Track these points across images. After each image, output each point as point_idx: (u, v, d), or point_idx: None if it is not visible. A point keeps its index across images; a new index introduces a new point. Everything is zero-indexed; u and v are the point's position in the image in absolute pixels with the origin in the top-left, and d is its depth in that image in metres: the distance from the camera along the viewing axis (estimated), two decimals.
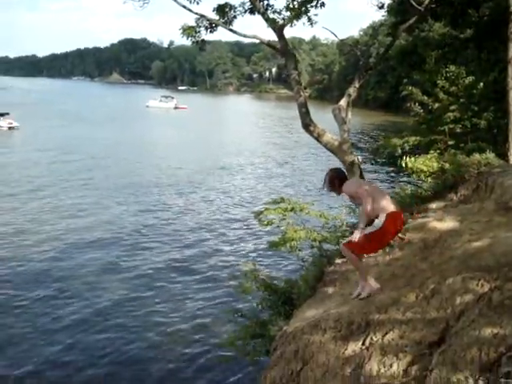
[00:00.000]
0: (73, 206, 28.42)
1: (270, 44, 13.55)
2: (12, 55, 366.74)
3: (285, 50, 12.48)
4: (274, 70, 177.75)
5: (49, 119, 71.69)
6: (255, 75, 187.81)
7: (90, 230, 24.26)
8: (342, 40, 32.35)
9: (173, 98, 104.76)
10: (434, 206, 8.57)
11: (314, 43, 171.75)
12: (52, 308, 16.71)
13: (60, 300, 17.28)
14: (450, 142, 17.52)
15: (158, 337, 15.18)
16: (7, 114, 62.13)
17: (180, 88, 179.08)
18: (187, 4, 13.07)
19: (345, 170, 6.38)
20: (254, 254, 21.23)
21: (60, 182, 34.15)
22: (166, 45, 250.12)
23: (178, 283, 18.97)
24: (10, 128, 60.27)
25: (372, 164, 38.34)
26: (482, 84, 17.90)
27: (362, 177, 10.93)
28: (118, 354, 14.12)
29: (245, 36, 13.87)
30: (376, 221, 5.27)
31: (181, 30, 13.39)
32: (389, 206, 5.40)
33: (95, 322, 15.82)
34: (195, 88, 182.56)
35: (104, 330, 15.42)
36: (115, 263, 20.52)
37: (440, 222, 7.35)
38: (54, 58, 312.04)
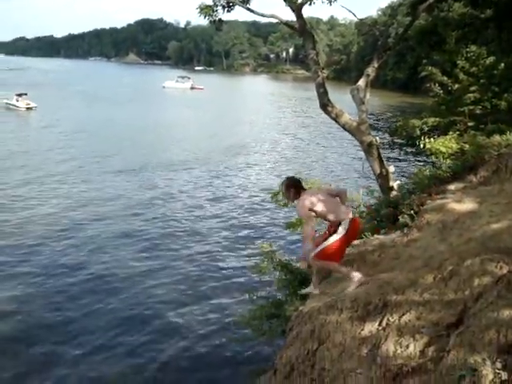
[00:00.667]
0: (90, 187, 28.66)
1: (288, 23, 13.42)
2: (29, 36, 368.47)
3: (303, 29, 12.33)
4: (291, 50, 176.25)
5: (66, 100, 72.00)
6: (272, 55, 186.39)
7: (108, 209, 24.50)
8: (360, 20, 31.91)
9: (189, 78, 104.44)
10: (452, 187, 8.47)
11: (332, 23, 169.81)
12: (71, 280, 17.06)
13: (75, 276, 17.51)
14: (470, 124, 17.31)
15: (173, 314, 15.33)
16: (25, 94, 62.38)
17: (196, 68, 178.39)
18: None
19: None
20: (270, 235, 21.27)
21: (78, 163, 34.39)
22: (182, 25, 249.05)
23: (195, 262, 19.10)
24: (27, 108, 60.57)
25: (390, 145, 38.06)
26: (502, 65, 17.61)
27: (380, 158, 10.85)
28: (132, 331, 14.30)
29: (262, 15, 13.73)
30: (340, 228, 5.61)
31: (198, 9, 13.29)
32: (348, 213, 5.79)
33: (111, 299, 16.00)
34: (212, 68, 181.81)
35: (118, 307, 15.61)
36: (133, 242, 20.70)
37: (459, 203, 7.27)
38: (70, 38, 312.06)
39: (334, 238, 5.62)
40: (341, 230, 5.58)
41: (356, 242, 7.55)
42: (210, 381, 12.22)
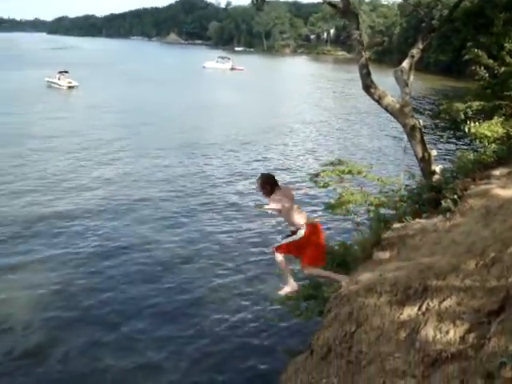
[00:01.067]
0: (134, 167, 29.13)
1: (331, 3, 13.20)
2: (71, 15, 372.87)
3: (347, 9, 12.11)
4: (332, 31, 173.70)
5: (108, 79, 72.85)
6: (313, 36, 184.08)
7: (149, 188, 24.85)
8: (404, 0, 31.19)
9: (229, 58, 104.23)
10: (497, 172, 8.28)
11: (375, 4, 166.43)
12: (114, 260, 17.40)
13: (118, 254, 17.86)
14: None
15: (209, 291, 15.53)
16: (66, 72, 63.27)
17: (237, 49, 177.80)
18: None
19: None
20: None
21: (119, 141, 34.89)
22: (223, 5, 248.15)
23: (233, 240, 19.25)
24: (69, 87, 61.51)
25: (432, 129, 37.37)
26: None
27: (422, 141, 10.67)
28: (169, 307, 14.54)
29: None
30: (298, 232, 6.32)
31: None
32: (304, 219, 6.50)
33: (150, 274, 16.28)
34: (252, 49, 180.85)
35: (156, 281, 15.89)
36: (174, 219, 20.98)
37: (503, 189, 7.11)
38: (112, 18, 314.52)
39: (293, 239, 6.33)
40: (299, 233, 6.27)
41: (397, 225, 7.48)
42: (245, 358, 12.35)
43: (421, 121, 10.85)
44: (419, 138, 10.73)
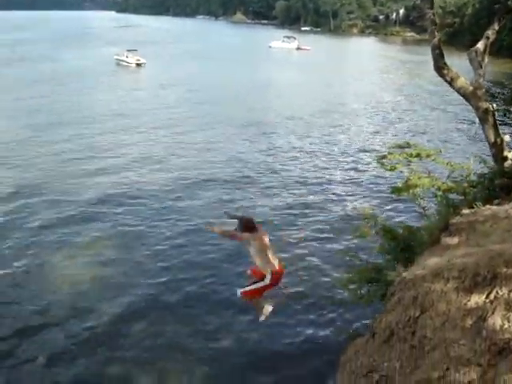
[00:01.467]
0: (198, 141, 29.69)
1: None
2: None
3: None
4: (401, 11, 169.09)
5: (175, 57, 73.83)
6: (381, 17, 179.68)
7: (210, 165, 25.19)
8: None
9: (295, 38, 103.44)
10: None
11: None
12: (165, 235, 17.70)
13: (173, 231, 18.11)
14: None
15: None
16: (135, 50, 64.46)
17: (303, 29, 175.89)
18: None
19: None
20: (373, 199, 20.97)
21: (185, 118, 35.44)
22: None
23: (295, 219, 19.26)
24: (137, 65, 62.66)
25: (505, 114, 35.97)
26: None
27: (495, 126, 10.28)
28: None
29: None
30: (267, 277, 6.67)
31: None
32: (275, 263, 6.76)
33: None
34: (318, 29, 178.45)
35: (222, 260, 16.03)
36: (232, 200, 21.13)
37: None
38: None
39: (261, 285, 6.74)
40: (267, 279, 6.66)
41: (466, 210, 7.30)
42: (305, 340, 12.38)
43: (494, 105, 10.44)
44: (492, 122, 10.35)
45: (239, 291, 6.99)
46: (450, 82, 10.77)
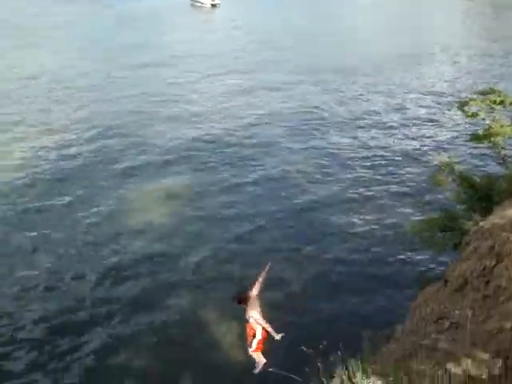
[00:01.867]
0: (269, 85, 29.54)
1: None
2: None
3: None
4: None
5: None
6: None
7: (280, 112, 25.23)
8: None
9: None
10: None
11: None
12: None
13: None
14: None
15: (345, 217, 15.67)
16: None
17: None
18: None
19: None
20: (450, 146, 20.30)
21: (256, 61, 34.99)
22: None
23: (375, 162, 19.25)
24: (212, 5, 61.90)
25: None
26: None
27: None
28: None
29: None
30: (257, 335, 7.20)
31: None
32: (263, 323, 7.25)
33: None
34: None
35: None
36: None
37: None
38: None
39: (259, 338, 7.19)
40: (258, 335, 7.17)
41: None
42: (376, 286, 12.36)
43: None
44: None
45: (250, 351, 7.52)
46: None
